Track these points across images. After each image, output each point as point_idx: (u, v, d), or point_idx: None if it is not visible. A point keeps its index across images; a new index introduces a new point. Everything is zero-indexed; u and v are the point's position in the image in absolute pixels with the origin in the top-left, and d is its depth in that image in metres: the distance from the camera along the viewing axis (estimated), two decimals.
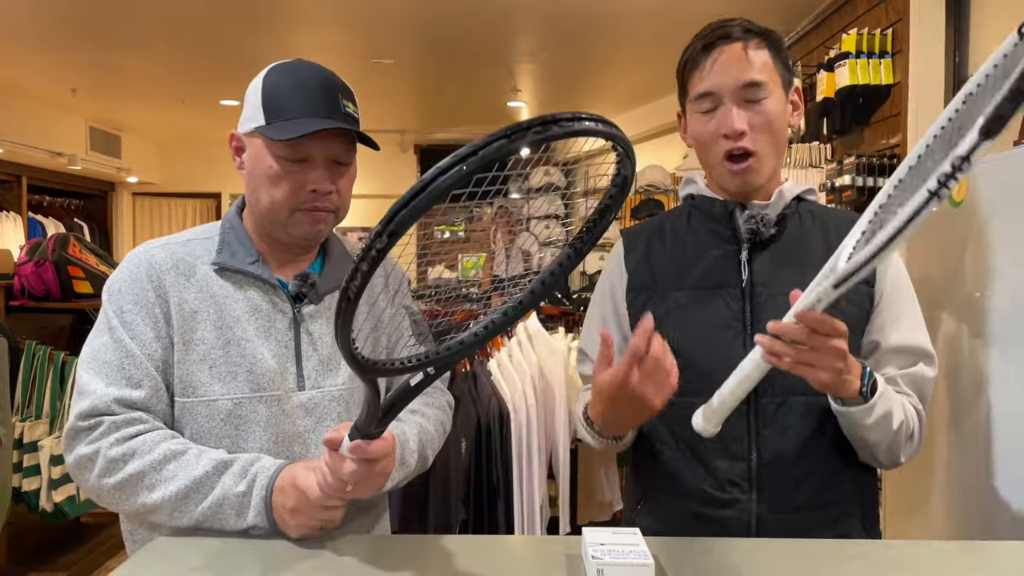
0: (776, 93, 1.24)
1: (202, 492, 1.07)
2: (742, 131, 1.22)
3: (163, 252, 1.20)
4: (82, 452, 1.10)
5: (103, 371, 1.12)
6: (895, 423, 1.16)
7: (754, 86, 1.22)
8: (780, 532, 1.21)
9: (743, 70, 1.22)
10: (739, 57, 1.22)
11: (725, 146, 1.24)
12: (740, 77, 1.22)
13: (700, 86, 1.25)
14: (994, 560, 1.08)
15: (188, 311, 1.17)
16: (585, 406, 1.24)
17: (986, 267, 1.58)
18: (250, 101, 1.20)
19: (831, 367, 1.05)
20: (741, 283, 1.26)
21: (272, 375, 1.18)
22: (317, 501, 1.02)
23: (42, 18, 4.38)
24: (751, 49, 1.23)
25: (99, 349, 1.14)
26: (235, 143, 1.23)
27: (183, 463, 1.08)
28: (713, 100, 1.24)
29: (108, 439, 1.09)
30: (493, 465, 2.36)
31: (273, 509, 1.05)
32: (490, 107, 6.80)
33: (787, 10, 3.90)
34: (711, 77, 1.24)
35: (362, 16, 4.36)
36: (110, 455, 1.08)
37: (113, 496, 1.10)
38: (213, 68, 5.33)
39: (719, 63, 1.23)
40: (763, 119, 1.23)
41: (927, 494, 1.80)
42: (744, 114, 1.23)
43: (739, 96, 1.23)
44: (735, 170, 1.25)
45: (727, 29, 1.24)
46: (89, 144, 7.18)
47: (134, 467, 1.08)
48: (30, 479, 2.96)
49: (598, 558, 0.92)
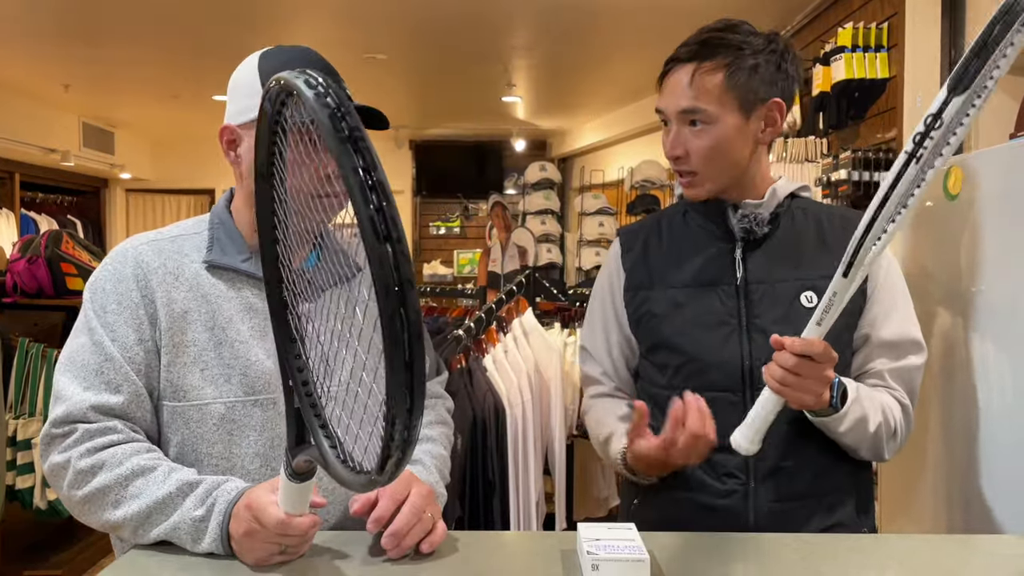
0: (726, 118, 1.23)
1: (164, 514, 1.01)
2: (677, 155, 1.27)
3: (150, 249, 1.15)
4: (55, 460, 1.06)
5: (80, 375, 1.08)
6: (871, 426, 1.19)
7: (693, 112, 1.23)
8: (778, 521, 1.22)
9: (682, 96, 1.24)
10: (683, 82, 1.23)
11: (673, 164, 1.30)
12: (679, 104, 1.24)
13: (657, 102, 1.29)
14: (986, 553, 1.08)
15: (178, 312, 1.11)
16: (623, 453, 1.26)
17: (982, 261, 1.58)
18: (244, 91, 1.14)
19: (815, 392, 1.11)
20: (736, 280, 1.28)
21: (268, 377, 1.12)
22: (273, 526, 0.93)
23: (34, 13, 4.36)
24: (702, 73, 1.22)
25: (77, 351, 1.10)
26: (228, 136, 1.17)
27: (150, 480, 1.03)
28: (663, 118, 1.28)
29: (79, 448, 1.05)
30: (489, 461, 2.36)
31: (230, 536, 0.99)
32: (485, 102, 6.78)
33: (783, 4, 3.89)
34: (661, 97, 1.28)
35: (355, 11, 4.35)
36: (79, 466, 1.04)
37: (81, 508, 1.06)
38: (206, 63, 5.31)
39: (668, 85, 1.27)
40: (702, 143, 1.25)
41: (921, 488, 1.80)
42: (686, 137, 1.25)
43: (681, 119, 1.25)
44: (681, 182, 1.31)
45: (684, 49, 1.25)
46: (82, 140, 7.15)
47: (100, 481, 1.03)
48: (24, 477, 2.95)
49: (593, 554, 0.92)
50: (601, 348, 1.39)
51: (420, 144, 8.78)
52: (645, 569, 0.91)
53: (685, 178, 1.29)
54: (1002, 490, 1.54)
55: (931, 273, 1.77)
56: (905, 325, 1.28)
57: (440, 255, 8.91)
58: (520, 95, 6.48)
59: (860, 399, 1.19)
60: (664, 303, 1.30)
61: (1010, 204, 1.53)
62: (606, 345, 1.38)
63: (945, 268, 1.71)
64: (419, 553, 1.01)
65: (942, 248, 1.73)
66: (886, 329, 1.27)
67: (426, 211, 9.01)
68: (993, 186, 1.58)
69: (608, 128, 7.33)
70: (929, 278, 1.77)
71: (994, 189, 1.57)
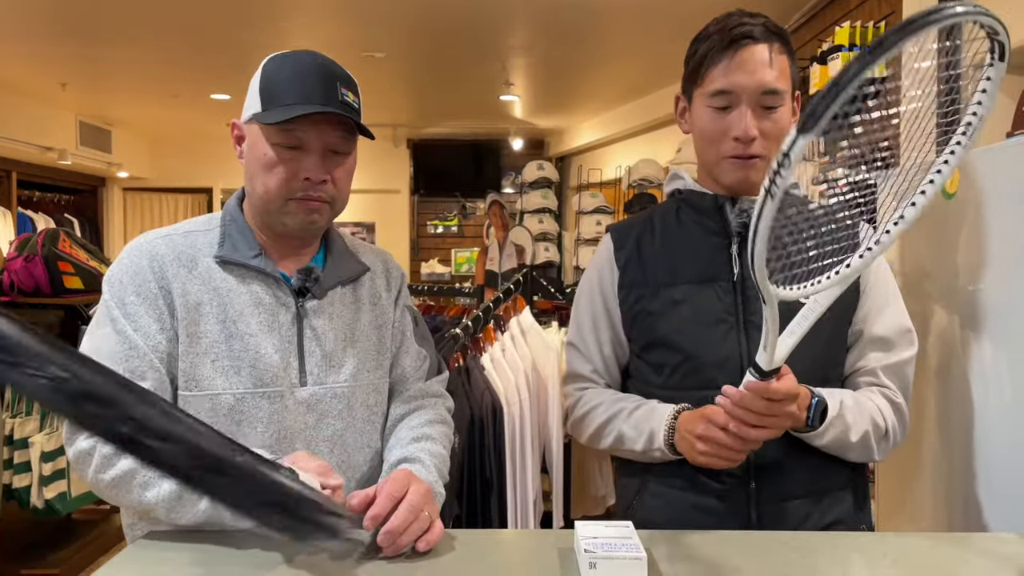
0: (788, 102, 1.24)
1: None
2: (755, 137, 1.21)
3: (164, 243, 1.18)
4: (81, 447, 1.08)
5: (106, 363, 1.09)
6: (854, 437, 1.20)
7: (773, 94, 1.21)
8: (778, 520, 1.23)
9: (766, 75, 1.20)
10: (763, 61, 1.20)
11: (733, 148, 1.23)
12: (762, 82, 1.20)
13: (718, 82, 1.22)
14: (984, 552, 1.08)
15: (192, 303, 1.15)
16: (677, 412, 1.22)
17: (979, 259, 1.59)
18: (251, 89, 1.19)
19: (782, 427, 1.11)
20: (732, 277, 1.27)
21: (275, 370, 1.16)
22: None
23: (31, 11, 4.35)
24: (775, 53, 1.21)
25: (101, 341, 1.12)
26: (236, 132, 1.22)
27: None
28: (729, 99, 1.22)
29: None
30: (486, 460, 2.36)
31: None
32: (483, 101, 6.77)
33: (780, 3, 3.90)
34: (732, 76, 1.21)
35: (354, 9, 4.34)
36: (104, 450, 1.06)
37: (111, 492, 1.08)
38: (204, 62, 5.29)
39: (742, 63, 1.20)
40: (775, 127, 1.22)
41: (918, 486, 1.80)
42: (758, 118, 1.21)
43: (756, 101, 1.21)
44: (738, 165, 1.24)
45: (751, 27, 1.21)
46: (79, 139, 7.14)
47: (127, 463, 1.05)
48: (21, 476, 2.94)
49: (591, 552, 0.92)
50: (592, 345, 1.37)
51: (418, 143, 8.77)
52: (642, 567, 0.91)
53: (746, 161, 1.23)
54: (999, 488, 1.54)
55: (928, 271, 1.77)
56: (898, 318, 1.29)
57: (438, 254, 8.91)
58: (518, 94, 6.48)
59: (843, 414, 1.19)
60: (660, 301, 1.29)
61: (1007, 202, 1.53)
62: (597, 343, 1.37)
63: (942, 266, 1.72)
64: (416, 552, 1.01)
65: (939, 246, 1.73)
66: (879, 325, 1.28)
67: (424, 210, 9.00)
68: (990, 184, 1.58)
69: (606, 127, 7.33)
70: (926, 276, 1.77)
71: (991, 187, 1.57)
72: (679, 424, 1.21)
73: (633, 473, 1.35)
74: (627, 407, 1.30)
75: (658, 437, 1.23)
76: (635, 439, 1.26)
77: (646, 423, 1.25)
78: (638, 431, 1.26)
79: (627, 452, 1.30)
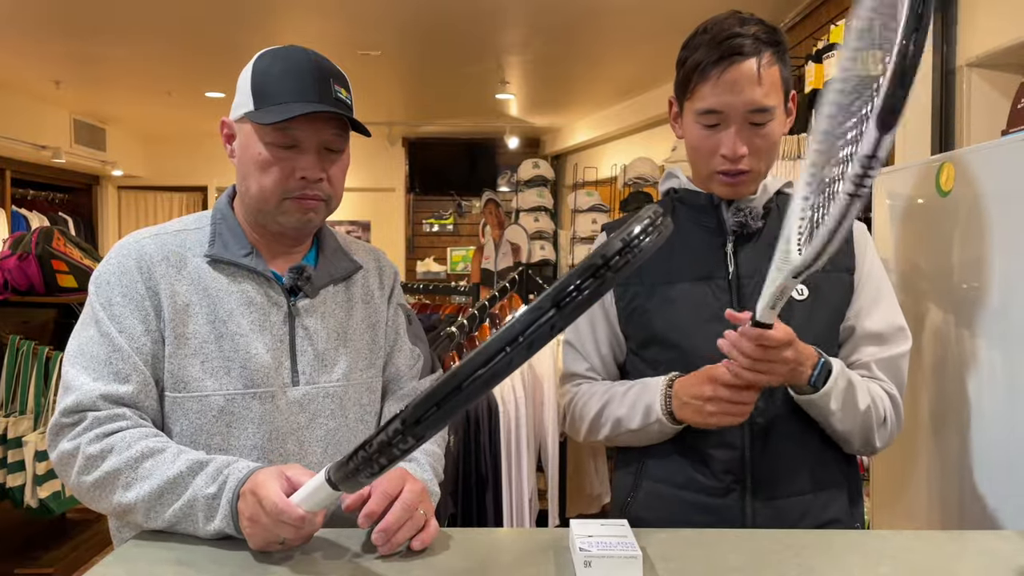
0: (779, 114, 1.23)
1: (176, 492, 1.02)
2: (743, 155, 1.21)
3: (153, 243, 1.17)
4: (64, 448, 1.08)
5: (90, 365, 1.10)
6: (861, 404, 1.20)
7: (762, 111, 1.20)
8: (774, 518, 1.23)
9: (755, 94, 1.18)
10: (752, 79, 1.18)
11: (722, 164, 1.23)
12: (750, 101, 1.18)
13: (707, 101, 1.20)
14: (980, 549, 1.08)
15: (180, 304, 1.13)
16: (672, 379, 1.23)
17: (974, 257, 1.59)
18: (241, 87, 1.17)
19: (781, 372, 1.12)
20: (727, 275, 1.28)
21: (266, 370, 1.15)
22: (269, 508, 0.93)
23: (25, 9, 4.33)
24: (764, 68, 1.18)
25: (85, 343, 1.11)
26: (226, 131, 1.20)
27: (159, 461, 1.04)
28: (718, 118, 1.21)
29: (89, 435, 1.06)
30: (482, 458, 2.36)
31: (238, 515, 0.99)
32: (478, 100, 6.77)
33: (776, 2, 3.90)
34: (719, 95, 1.19)
35: (349, 7, 4.33)
36: (88, 452, 1.05)
37: (92, 494, 1.07)
38: (198, 60, 5.28)
39: (731, 83, 1.18)
40: (765, 143, 1.22)
41: (913, 484, 1.80)
42: (746, 136, 1.21)
43: (745, 119, 1.20)
44: (728, 181, 1.25)
45: (741, 41, 1.18)
46: (73, 137, 7.11)
47: (111, 464, 1.04)
48: (14, 475, 2.94)
49: (586, 550, 0.92)
50: (588, 344, 1.37)
51: (413, 141, 8.76)
52: (637, 566, 0.91)
53: (735, 177, 1.23)
54: (994, 486, 1.54)
55: (923, 269, 1.77)
56: (890, 314, 1.30)
57: (433, 252, 8.90)
58: (513, 92, 6.48)
59: (849, 376, 1.20)
60: (656, 298, 1.30)
61: (1002, 201, 1.53)
62: (594, 341, 1.37)
63: (937, 264, 1.72)
64: (410, 550, 1.00)
65: (934, 244, 1.73)
66: (872, 320, 1.28)
67: (419, 208, 8.99)
68: (985, 182, 1.58)
69: (601, 125, 7.33)
70: (921, 274, 1.77)
71: (986, 186, 1.58)
72: (677, 391, 1.21)
73: (629, 471, 1.35)
74: (619, 391, 1.30)
75: (655, 408, 1.23)
76: (631, 417, 1.26)
77: (640, 399, 1.26)
78: (633, 409, 1.26)
79: (626, 435, 1.29)
